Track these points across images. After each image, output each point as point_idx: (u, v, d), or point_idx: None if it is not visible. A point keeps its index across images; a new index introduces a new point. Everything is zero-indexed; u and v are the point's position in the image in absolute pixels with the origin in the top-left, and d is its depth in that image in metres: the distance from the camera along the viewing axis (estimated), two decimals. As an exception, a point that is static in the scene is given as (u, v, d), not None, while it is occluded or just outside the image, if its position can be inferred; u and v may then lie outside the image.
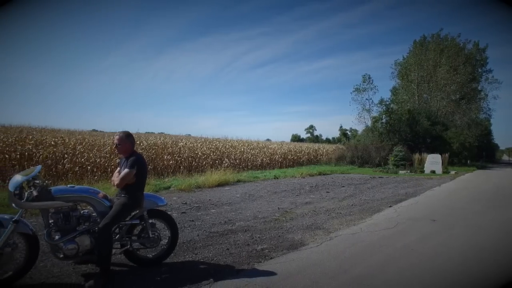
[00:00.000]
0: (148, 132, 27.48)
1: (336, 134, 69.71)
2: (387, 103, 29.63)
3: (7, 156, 9.90)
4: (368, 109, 31.83)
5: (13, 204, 3.27)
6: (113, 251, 3.54)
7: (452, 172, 19.20)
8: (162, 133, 28.18)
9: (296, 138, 68.25)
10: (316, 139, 71.85)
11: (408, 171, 19.44)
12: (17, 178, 3.31)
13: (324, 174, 16.44)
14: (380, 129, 27.77)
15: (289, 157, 22.14)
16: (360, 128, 35.78)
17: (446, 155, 21.92)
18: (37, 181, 3.36)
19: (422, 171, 19.26)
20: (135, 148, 3.93)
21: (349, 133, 60.30)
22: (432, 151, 22.77)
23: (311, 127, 78.63)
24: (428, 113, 28.86)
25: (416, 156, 21.83)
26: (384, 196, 9.53)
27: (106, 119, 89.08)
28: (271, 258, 4.22)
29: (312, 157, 25.11)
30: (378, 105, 29.86)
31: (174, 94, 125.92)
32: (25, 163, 10.06)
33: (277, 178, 13.76)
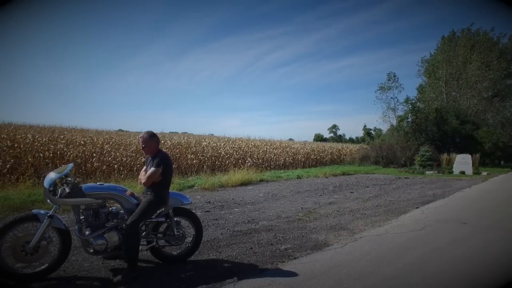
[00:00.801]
0: (172, 132, 28.06)
1: (360, 133, 68.46)
2: (413, 101, 28.72)
3: (41, 154, 10.37)
4: (393, 108, 31.06)
5: (48, 200, 3.43)
6: (140, 247, 3.63)
7: (484, 173, 18.35)
8: (185, 132, 28.73)
9: (319, 138, 67.55)
10: (339, 138, 70.93)
11: (436, 172, 18.77)
12: (51, 175, 3.47)
13: (347, 174, 16.16)
14: (405, 129, 26.96)
15: (312, 156, 21.93)
16: (384, 127, 35.00)
17: (477, 155, 20.96)
18: (69, 179, 3.51)
19: (451, 172, 18.54)
20: (160, 147, 4.01)
21: (373, 133, 59.01)
22: (461, 151, 21.85)
23: (334, 126, 77.76)
24: (457, 112, 27.72)
25: (444, 156, 21.04)
26: (410, 197, 9.25)
27: (132, 119, 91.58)
28: (295, 258, 4.20)
29: (335, 157, 24.75)
30: (404, 104, 29.05)
31: (198, 94, 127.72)
32: (57, 161, 10.49)
33: (300, 177, 13.66)
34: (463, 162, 18.76)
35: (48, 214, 3.35)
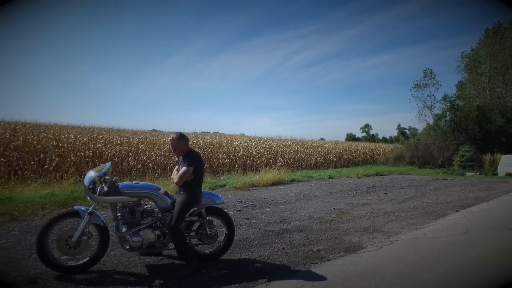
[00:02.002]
0: (204, 132, 28.54)
1: (394, 133, 66.20)
2: (452, 99, 27.25)
3: (82, 153, 10.94)
4: (429, 106, 29.68)
5: (88, 198, 3.61)
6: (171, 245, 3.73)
7: (533, 175, 17.06)
8: (217, 132, 29.11)
9: (351, 137, 66.01)
10: (372, 138, 68.89)
11: (477, 173, 17.70)
12: (91, 174, 3.64)
13: (381, 175, 15.66)
14: (443, 127, 25.66)
15: (344, 156, 21.47)
16: (420, 126, 33.57)
17: (527, 156, 19.52)
18: (107, 177, 3.66)
19: (495, 174, 17.41)
20: (192, 146, 4.08)
21: (407, 132, 56.94)
22: (507, 151, 20.42)
23: (367, 125, 75.62)
24: (503, 109, 25.88)
25: (487, 156, 19.81)
26: (449, 200, 8.80)
27: (165, 119, 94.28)
28: (328, 260, 4.12)
29: (368, 157, 24.06)
30: (441, 102, 27.58)
31: (228, 94, 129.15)
32: (96, 160, 11.02)
33: (332, 178, 13.42)
34: (509, 163, 17.53)
35: (88, 211, 3.52)
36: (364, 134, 74.62)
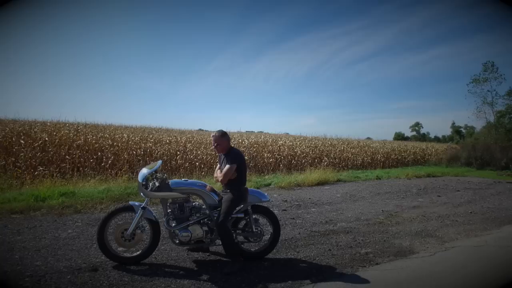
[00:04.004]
0: (249, 131, 28.88)
1: (447, 131, 61.77)
2: (518, 93, 24.81)
3: (134, 152, 11.62)
4: (490, 102, 27.19)
5: (141, 193, 3.81)
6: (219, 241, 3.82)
7: None
8: (261, 131, 29.31)
9: (399, 137, 62.74)
10: (422, 137, 64.87)
11: (548, 176, 15.98)
12: (144, 171, 3.84)
13: (433, 176, 14.70)
14: (507, 126, 23.48)
15: (392, 156, 20.50)
16: (478, 124, 31.05)
17: None
18: (159, 174, 3.84)
19: None
20: (238, 146, 4.14)
21: (463, 131, 52.89)
22: None
23: (417, 124, 71.37)
24: None
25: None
26: (516, 205, 8.03)
27: (211, 119, 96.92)
28: (377, 264, 3.97)
29: (419, 157, 22.73)
30: (505, 97, 25.18)
31: (273, 94, 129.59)
32: (147, 158, 11.62)
33: (380, 178, 12.88)
34: None
35: (142, 206, 3.73)
36: (414, 133, 70.59)
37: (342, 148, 19.00)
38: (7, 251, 3.93)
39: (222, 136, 3.97)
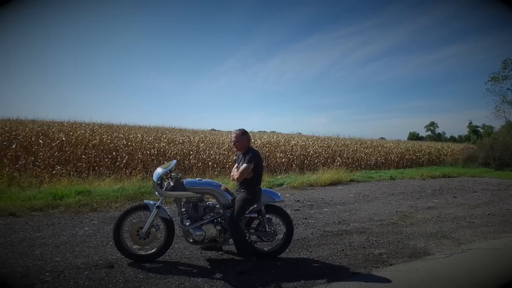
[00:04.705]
0: (261, 131, 28.90)
1: (463, 131, 60.39)
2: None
3: (148, 152, 11.79)
4: (510, 101, 26.49)
5: (156, 192, 3.87)
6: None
7: None
8: (273, 131, 29.27)
9: (414, 136, 61.66)
10: (438, 137, 63.60)
11: None
12: (159, 170, 3.90)
13: (449, 177, 14.42)
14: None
15: (406, 156, 20.19)
16: (497, 124, 30.18)
17: None
18: (173, 174, 3.90)
19: None
20: (250, 145, 4.17)
21: (481, 130, 51.65)
22: None
23: (432, 124, 70.04)
24: None
25: None
26: (537, 207, 7.79)
27: (223, 119, 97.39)
28: (391, 265, 3.93)
29: (434, 157, 22.31)
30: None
31: (285, 94, 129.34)
32: (161, 158, 11.77)
33: (394, 178, 12.71)
34: None
35: (156, 205, 3.78)
36: (429, 132, 69.32)
37: (355, 148, 18.83)
38: (28, 247, 4.06)
39: (243, 134, 4.00)
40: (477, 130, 53.51)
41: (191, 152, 12.63)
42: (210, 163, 12.30)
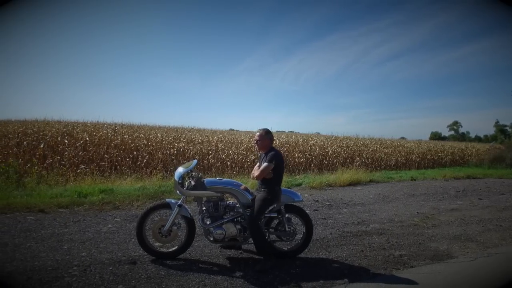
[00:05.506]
0: (279, 131, 28.85)
1: (490, 131, 58.24)
2: None
3: (168, 151, 12.00)
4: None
5: (177, 191, 3.94)
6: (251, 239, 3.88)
7: None
8: (292, 131, 29.18)
9: (436, 136, 60.05)
10: (462, 137, 61.62)
11: None
12: (180, 170, 3.98)
13: (474, 178, 13.95)
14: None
15: (428, 157, 19.67)
16: (527, 122, 28.84)
17: None
18: (194, 173, 3.97)
19: None
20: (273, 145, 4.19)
21: (509, 130, 49.69)
22: None
23: (456, 123, 67.95)
24: None
25: None
26: None
27: (241, 118, 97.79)
28: (412, 267, 3.88)
29: (457, 157, 21.63)
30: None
31: (303, 94, 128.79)
32: (180, 158, 11.95)
33: (415, 179, 12.42)
34: None
35: (178, 204, 3.86)
36: (452, 132, 67.33)
37: (375, 148, 18.51)
38: (57, 242, 4.24)
39: (266, 134, 4.06)
40: (505, 130, 51.47)
41: (210, 152, 12.75)
42: (228, 162, 12.37)
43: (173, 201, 3.93)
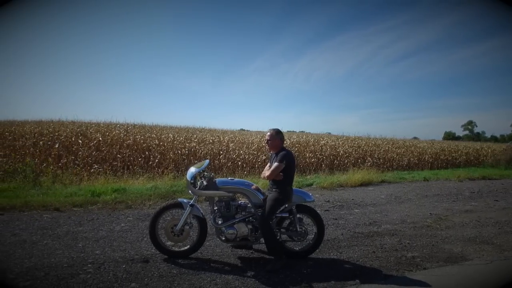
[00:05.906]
0: (290, 131, 28.79)
1: (507, 130, 57.01)
2: None
3: (179, 151, 12.11)
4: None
5: (189, 191, 3.99)
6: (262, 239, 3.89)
7: None
8: (303, 131, 29.08)
9: (450, 136, 58.99)
10: (476, 137, 60.43)
11: None
12: (192, 170, 4.01)
13: (489, 179, 13.63)
14: None
15: (441, 157, 19.33)
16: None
17: None
18: (206, 173, 4.00)
19: None
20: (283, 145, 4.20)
21: (526, 129, 48.43)
22: None
23: (470, 123, 66.73)
24: None
25: None
26: None
27: (252, 119, 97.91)
28: (424, 269, 3.83)
29: (472, 158, 21.17)
30: None
31: (313, 93, 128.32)
32: (191, 158, 12.04)
33: (428, 180, 12.23)
34: None
35: (190, 203, 3.90)
36: (467, 132, 66.11)
37: (387, 148, 18.28)
38: (72, 240, 4.35)
39: (277, 134, 4.08)
40: (522, 129, 50.22)
41: (221, 152, 12.80)
42: (239, 162, 12.41)
43: (185, 200, 3.98)
